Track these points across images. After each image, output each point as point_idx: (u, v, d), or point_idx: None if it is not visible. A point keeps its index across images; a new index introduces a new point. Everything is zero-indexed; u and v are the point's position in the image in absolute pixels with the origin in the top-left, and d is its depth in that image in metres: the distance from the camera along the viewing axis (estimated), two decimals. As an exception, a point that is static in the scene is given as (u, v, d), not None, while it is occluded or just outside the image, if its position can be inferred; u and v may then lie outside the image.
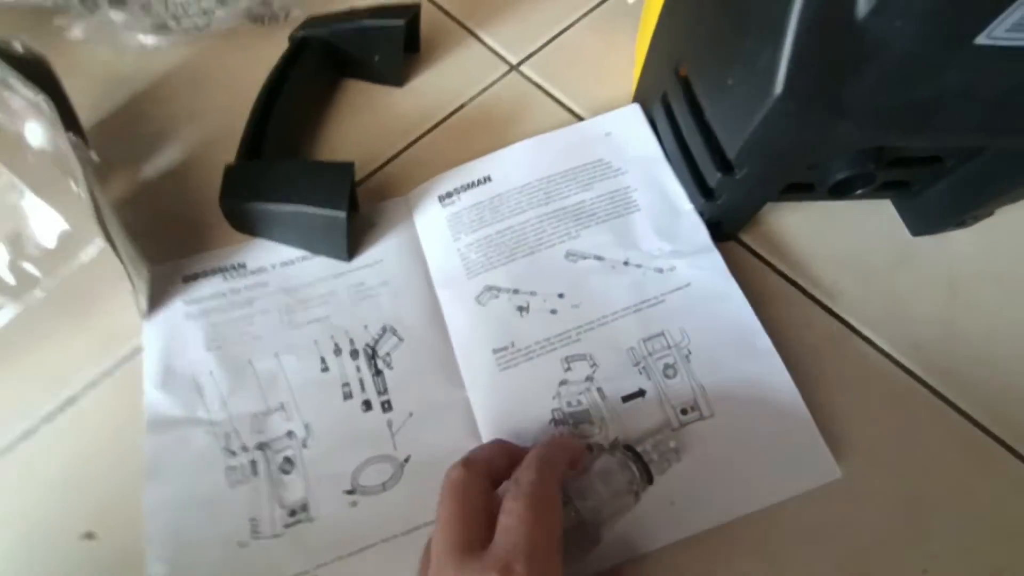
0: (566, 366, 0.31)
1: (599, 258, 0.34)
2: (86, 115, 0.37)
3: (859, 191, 0.32)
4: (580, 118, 0.41)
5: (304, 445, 0.30)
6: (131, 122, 0.41)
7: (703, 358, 0.31)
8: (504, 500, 0.22)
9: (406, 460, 0.30)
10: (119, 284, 0.31)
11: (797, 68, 0.23)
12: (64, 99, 0.34)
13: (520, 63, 0.44)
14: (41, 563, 0.28)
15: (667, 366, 0.31)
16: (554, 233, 0.35)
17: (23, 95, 0.28)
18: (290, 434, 0.30)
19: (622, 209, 0.35)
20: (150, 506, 0.29)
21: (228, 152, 0.36)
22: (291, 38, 0.40)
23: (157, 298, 0.34)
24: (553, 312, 0.33)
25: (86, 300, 0.34)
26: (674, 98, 0.34)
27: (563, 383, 0.31)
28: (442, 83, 0.42)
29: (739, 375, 0.30)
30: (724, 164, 0.30)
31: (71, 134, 0.30)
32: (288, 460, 0.30)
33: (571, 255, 0.34)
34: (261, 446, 0.30)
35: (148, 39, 0.42)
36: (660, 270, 0.33)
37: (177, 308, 0.34)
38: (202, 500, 0.29)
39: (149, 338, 0.33)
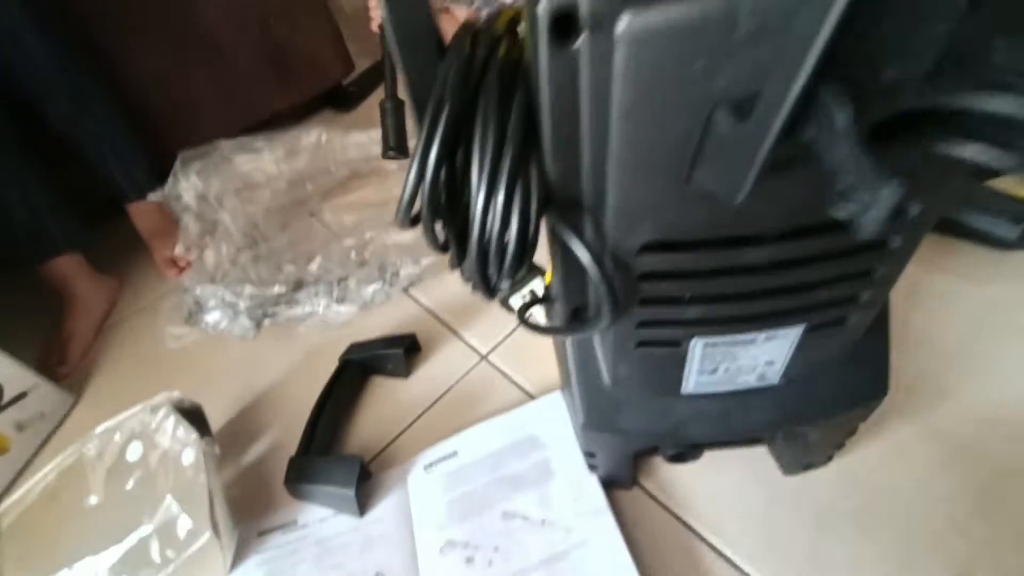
0: (496, 609, 0.42)
1: (525, 518, 0.46)
2: (217, 420, 0.61)
3: (690, 460, 0.43)
4: (531, 396, 0.57)
5: (312, 673, 0.43)
6: (242, 424, 0.64)
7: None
8: None
9: None
10: (215, 559, 0.49)
11: (587, 410, 0.38)
12: (205, 422, 0.57)
13: (488, 353, 0.63)
14: None
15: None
16: (495, 496, 0.48)
17: (184, 432, 0.50)
18: (304, 663, 0.43)
19: (544, 476, 0.48)
20: None
21: (295, 442, 0.56)
22: (340, 359, 0.63)
23: (241, 551, 0.51)
24: (490, 563, 0.45)
25: (194, 571, 0.51)
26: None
27: (493, 624, 0.41)
28: (433, 374, 0.62)
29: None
30: (585, 451, 0.43)
31: (207, 438, 0.52)
32: None
33: (506, 515, 0.47)
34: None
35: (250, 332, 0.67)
36: (568, 529, 0.45)
37: (251, 559, 0.51)
38: None
39: (230, 582, 0.49)
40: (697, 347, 0.31)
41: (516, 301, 0.53)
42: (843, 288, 0.28)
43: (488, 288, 0.32)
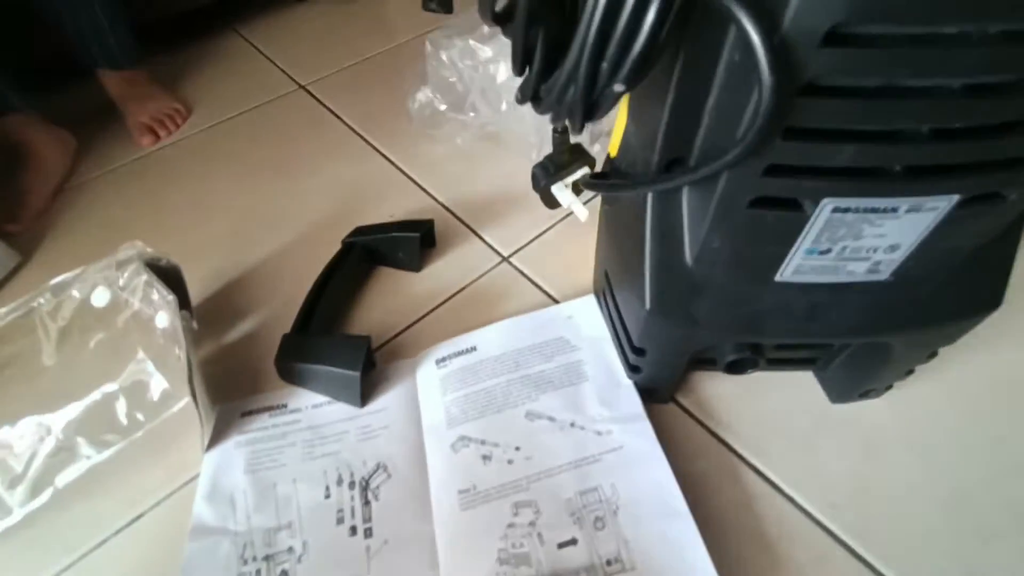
0: (515, 511, 0.38)
1: (551, 419, 0.42)
2: (197, 293, 0.53)
3: (749, 370, 0.39)
4: (555, 300, 0.51)
5: (299, 560, 0.38)
6: (226, 300, 0.57)
7: (629, 513, 0.36)
8: None
9: (376, 582, 0.36)
10: (193, 429, 0.43)
11: (656, 294, 0.33)
12: (185, 290, 0.49)
13: (510, 256, 0.57)
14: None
15: (597, 519, 0.37)
16: (518, 396, 0.43)
17: (159, 293, 0.43)
18: (291, 549, 0.38)
19: (574, 379, 0.44)
20: (177, 599, 0.37)
21: (287, 325, 0.49)
22: (343, 242, 0.56)
23: (220, 430, 0.45)
24: (510, 462, 0.40)
25: (167, 439, 0.45)
26: (607, 296, 0.44)
27: (511, 526, 0.37)
28: (449, 271, 0.56)
29: (659, 533, 0.35)
30: (634, 348, 0.39)
31: (185, 312, 0.45)
32: (284, 573, 0.37)
33: (530, 415, 0.42)
34: (267, 557, 0.38)
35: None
36: (599, 433, 0.40)
37: (232, 438, 0.45)
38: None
39: (208, 461, 0.44)
40: (824, 212, 0.26)
41: (560, 193, 0.47)
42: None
43: (589, 104, 0.26)
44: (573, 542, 0.36)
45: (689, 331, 0.34)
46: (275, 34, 0.96)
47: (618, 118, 0.37)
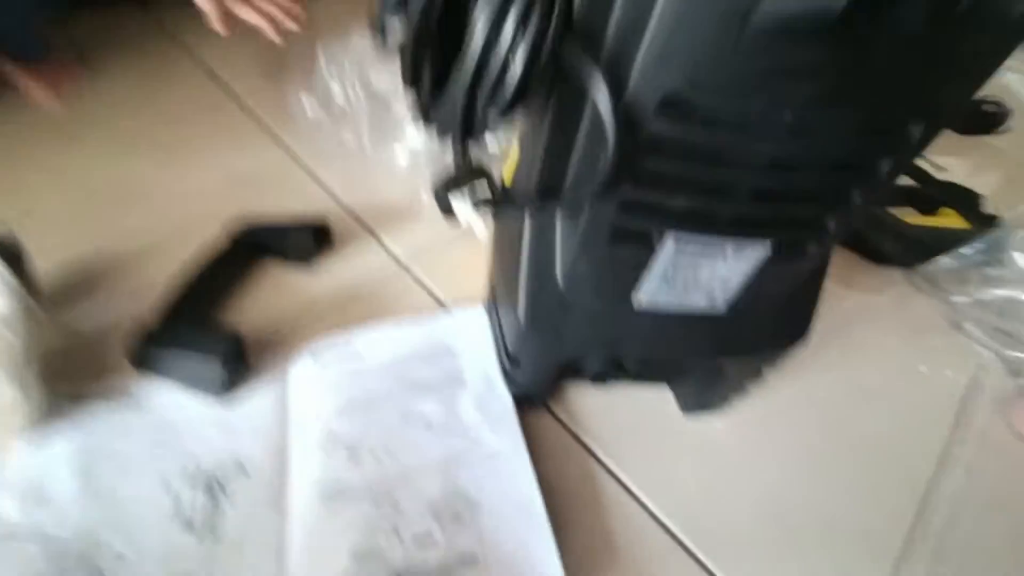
0: (376, 508, 0.38)
1: (427, 423, 0.42)
2: (45, 270, 0.48)
3: (610, 380, 0.43)
4: (448, 310, 0.53)
5: (130, 569, 0.35)
6: (80, 282, 0.51)
7: (489, 512, 0.38)
8: None
9: (219, 587, 0.35)
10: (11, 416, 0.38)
11: (529, 310, 0.35)
12: (28, 270, 0.44)
13: (407, 262, 0.57)
14: None
15: (457, 516, 0.38)
16: (396, 398, 0.44)
17: None
18: (120, 557, 0.35)
19: (454, 385, 0.45)
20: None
21: (145, 315, 0.45)
22: (227, 231, 0.53)
23: (46, 418, 0.41)
24: (379, 462, 0.40)
25: None
26: (493, 308, 0.46)
27: (369, 523, 0.37)
28: (342, 272, 0.55)
29: (513, 530, 0.37)
30: (511, 358, 0.41)
31: (29, 298, 0.40)
32: None
33: (405, 417, 0.43)
34: (89, 565, 0.35)
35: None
36: (471, 438, 0.42)
37: (60, 427, 0.40)
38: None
39: (21, 450, 0.39)
40: (668, 246, 0.30)
41: (458, 207, 0.49)
42: (818, 208, 0.28)
43: (467, 125, 0.27)
44: (429, 536, 0.37)
45: (558, 345, 0.37)
46: (180, 9, 0.89)
47: (513, 147, 0.40)
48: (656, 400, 0.48)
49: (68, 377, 0.44)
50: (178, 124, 0.68)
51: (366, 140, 0.62)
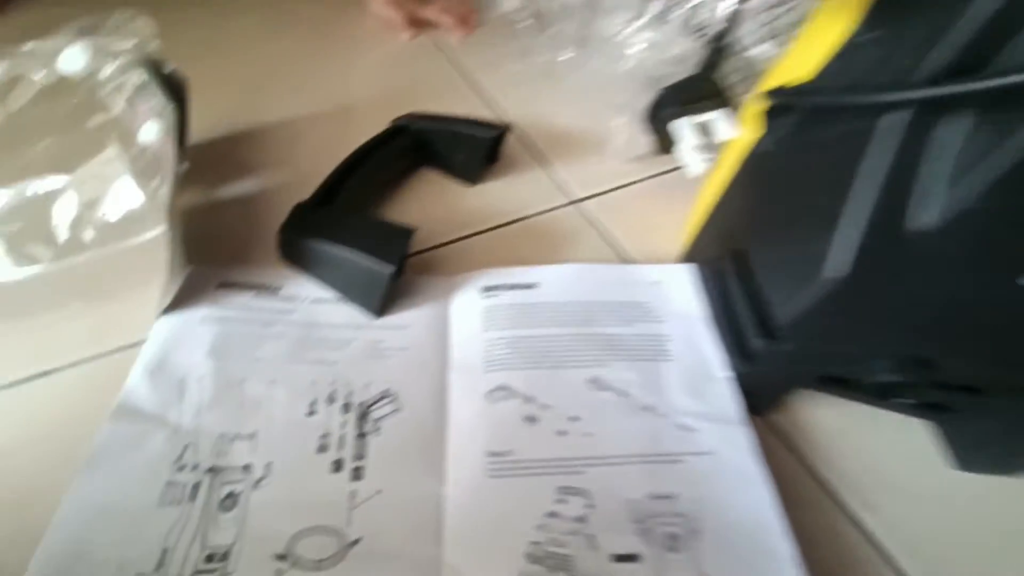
0: (559, 497, 0.28)
1: (623, 394, 0.32)
2: (195, 133, 0.42)
3: (898, 400, 0.30)
4: (625, 262, 0.42)
5: (256, 486, 0.27)
6: (228, 151, 0.46)
7: (713, 542, 0.27)
8: None
9: (355, 542, 0.26)
10: (153, 278, 0.32)
11: (856, 258, 0.24)
12: (184, 113, 0.38)
13: (582, 200, 0.47)
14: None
15: (671, 536, 0.27)
16: (584, 355, 0.34)
17: (155, 100, 0.32)
18: (247, 468, 0.28)
19: (654, 354, 0.34)
20: (70, 499, 0.25)
21: (300, 197, 0.38)
22: (393, 122, 0.45)
23: (185, 296, 0.34)
24: (562, 433, 0.30)
25: (115, 281, 0.34)
26: (726, 266, 0.35)
27: (552, 515, 0.28)
28: (509, 194, 0.46)
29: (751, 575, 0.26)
30: (767, 330, 0.30)
31: (176, 142, 0.33)
32: (232, 496, 0.27)
33: (595, 382, 0.33)
34: (213, 470, 0.27)
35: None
36: (683, 427, 0.31)
37: (199, 309, 0.34)
38: (123, 510, 0.25)
39: (159, 328, 0.32)
40: None
41: (682, 131, 0.38)
42: None
43: None
44: (634, 558, 0.26)
45: (869, 318, 0.25)
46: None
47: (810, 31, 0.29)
48: (909, 432, 0.35)
49: (207, 253, 0.37)
50: (347, 16, 0.62)
51: (559, 48, 0.53)
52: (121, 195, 0.28)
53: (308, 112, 0.50)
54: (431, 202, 0.44)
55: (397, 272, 0.33)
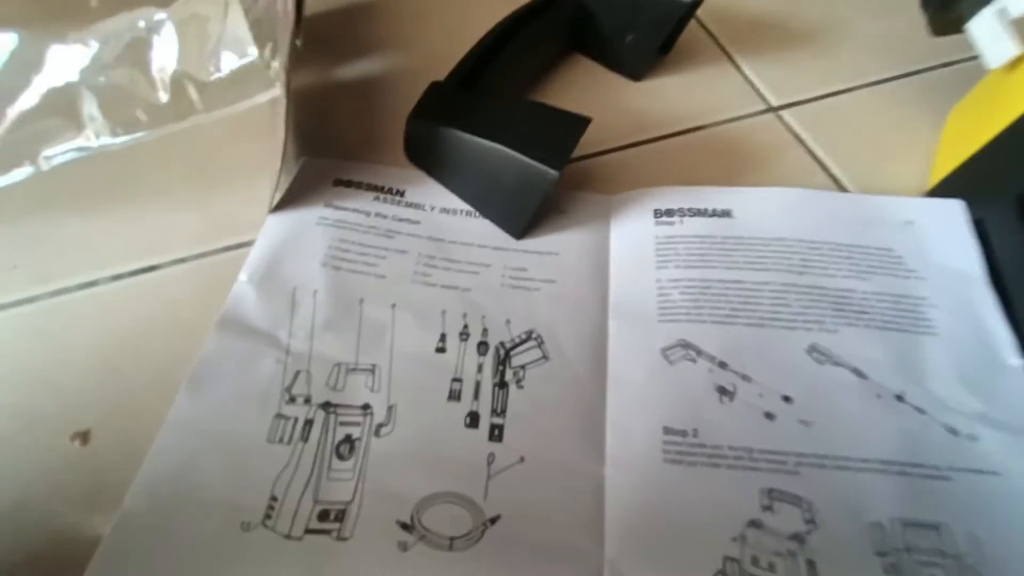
0: (767, 502, 0.20)
1: (859, 374, 0.23)
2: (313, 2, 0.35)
3: None
4: (844, 190, 0.31)
5: (377, 433, 0.22)
6: (350, 24, 0.38)
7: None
8: None
9: (493, 520, 0.20)
10: (261, 163, 0.26)
11: None
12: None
13: (781, 107, 0.35)
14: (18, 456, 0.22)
15: (933, 582, 0.19)
16: (801, 314, 0.25)
17: None
18: (366, 408, 0.22)
19: (909, 324, 0.24)
20: (172, 420, 0.22)
21: (433, 80, 0.30)
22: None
23: (297, 191, 0.29)
24: (769, 416, 0.22)
25: (220, 165, 0.29)
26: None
27: (755, 525, 0.20)
28: (685, 96, 0.35)
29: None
30: None
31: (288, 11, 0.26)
32: (349, 441, 0.22)
33: (818, 352, 0.24)
34: (327, 406, 0.22)
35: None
36: (954, 431, 0.22)
37: (314, 209, 0.28)
38: (230, 442, 0.21)
39: (269, 228, 0.27)
40: None
41: (989, 21, 0.25)
42: None
43: None
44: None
45: None
46: None
47: None
48: None
49: (321, 144, 0.31)
50: None
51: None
52: (230, 42, 0.22)
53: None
54: (587, 98, 0.35)
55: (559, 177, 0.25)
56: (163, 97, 0.22)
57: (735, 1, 0.41)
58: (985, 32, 0.26)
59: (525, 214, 0.26)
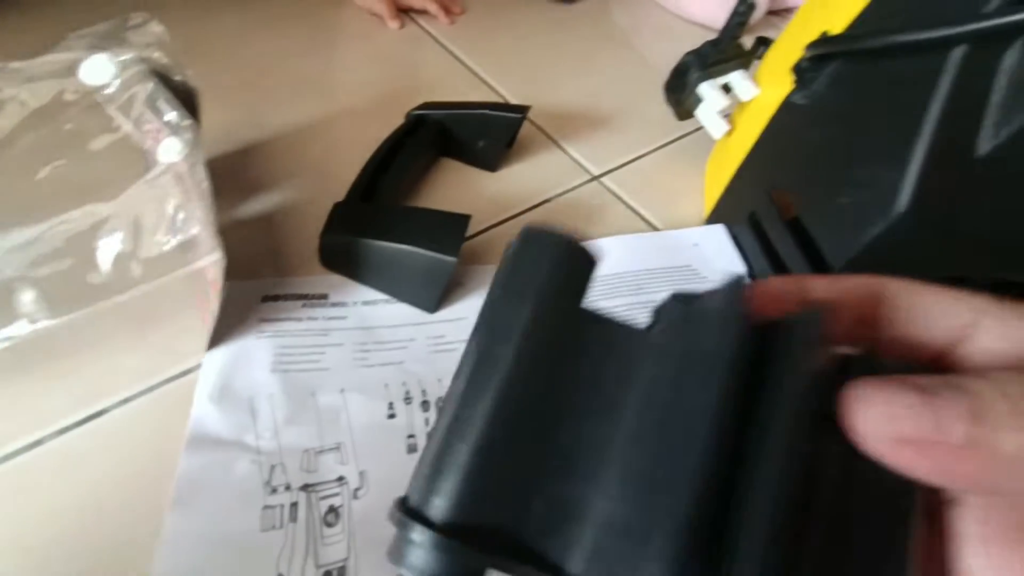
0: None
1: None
2: (212, 145, 0.40)
3: None
4: (656, 229, 0.43)
5: (355, 496, 0.26)
6: (249, 161, 0.44)
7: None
8: None
9: (467, 537, 0.26)
10: (195, 301, 0.30)
11: (918, 191, 0.25)
12: (196, 118, 0.36)
13: (601, 175, 0.47)
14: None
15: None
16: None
17: (170, 116, 0.29)
18: (341, 480, 0.27)
19: (714, 313, 0.35)
20: (168, 539, 0.24)
21: (333, 199, 0.37)
22: (408, 115, 0.44)
23: (232, 313, 0.32)
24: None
25: (158, 312, 0.32)
26: (766, 217, 0.36)
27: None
28: (529, 178, 0.46)
29: None
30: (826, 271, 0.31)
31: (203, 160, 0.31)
32: (333, 510, 0.26)
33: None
34: (307, 487, 0.26)
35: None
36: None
37: (250, 325, 0.32)
38: (228, 541, 0.24)
39: (213, 352, 0.31)
40: None
41: (710, 94, 0.39)
42: None
43: None
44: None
45: (937, 248, 0.27)
46: None
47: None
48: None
49: (242, 270, 0.35)
50: (329, 11, 0.60)
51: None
52: (168, 223, 0.26)
53: (313, 114, 0.48)
54: (457, 192, 0.44)
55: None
56: (105, 276, 0.25)
57: (552, 101, 0.53)
58: (705, 118, 0.40)
59: (437, 293, 0.33)
